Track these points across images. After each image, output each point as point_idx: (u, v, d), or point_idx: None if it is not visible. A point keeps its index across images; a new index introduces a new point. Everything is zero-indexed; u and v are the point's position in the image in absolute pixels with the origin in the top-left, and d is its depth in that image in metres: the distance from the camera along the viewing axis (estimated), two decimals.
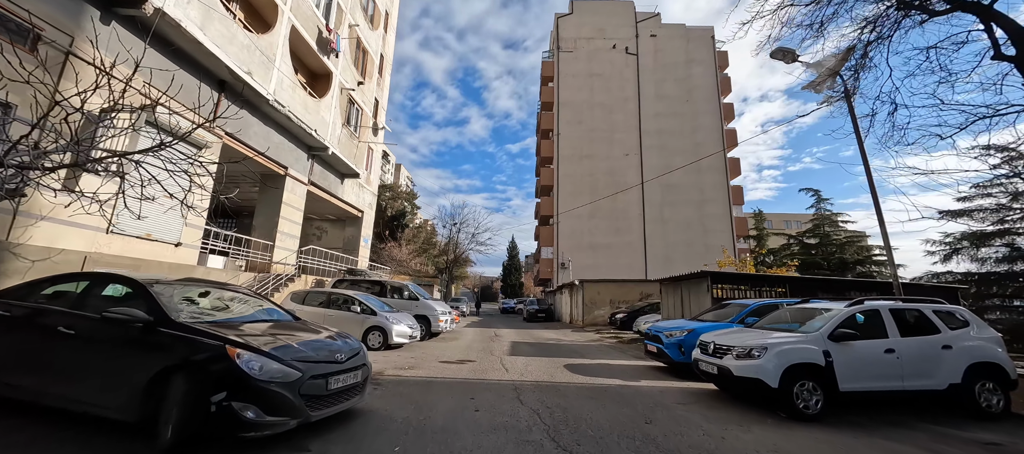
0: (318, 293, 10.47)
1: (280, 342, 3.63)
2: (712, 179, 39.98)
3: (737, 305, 8.66)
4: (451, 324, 13.33)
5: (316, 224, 21.66)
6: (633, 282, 21.46)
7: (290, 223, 14.26)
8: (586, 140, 40.65)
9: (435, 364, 8.21)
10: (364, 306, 10.02)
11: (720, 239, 38.42)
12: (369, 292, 12.94)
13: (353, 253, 20.12)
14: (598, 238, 38.06)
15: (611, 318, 19.13)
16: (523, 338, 14.86)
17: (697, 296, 11.55)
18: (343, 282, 13.42)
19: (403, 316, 10.62)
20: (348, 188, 18.68)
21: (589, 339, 15.15)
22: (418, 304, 12.60)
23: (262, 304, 4.94)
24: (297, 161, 14.50)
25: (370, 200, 21.36)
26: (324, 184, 16.63)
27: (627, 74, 42.45)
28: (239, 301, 4.85)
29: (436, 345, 11.54)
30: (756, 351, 5.38)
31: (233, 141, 11.39)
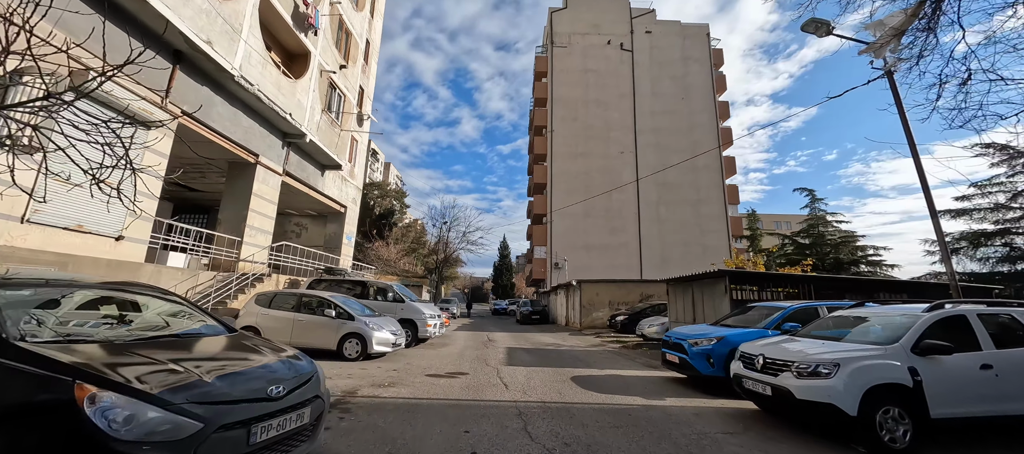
0: (288, 295, 9.14)
1: (181, 375, 2.38)
2: (708, 178, 39.35)
3: (766, 308, 7.60)
4: (440, 329, 12.08)
5: (295, 220, 20.17)
6: (633, 282, 20.45)
7: (261, 217, 12.85)
8: (581, 137, 39.72)
9: (421, 379, 6.96)
10: (340, 310, 8.72)
11: (716, 239, 37.84)
12: (349, 294, 11.62)
13: (335, 251, 18.70)
14: (593, 238, 37.12)
15: (611, 320, 18.05)
16: (519, 343, 13.67)
17: (711, 298, 10.51)
18: (321, 282, 12.07)
19: (386, 321, 9.35)
20: (329, 181, 17.28)
21: (590, 344, 14.02)
22: (404, 307, 11.33)
23: (193, 317, 3.67)
24: (270, 148, 13.10)
25: (354, 195, 19.96)
26: (302, 175, 15.22)
27: (622, 71, 41.66)
28: (160, 312, 3.58)
29: (423, 353, 10.28)
30: (824, 368, 4.28)
31: (192, 121, 9.99)
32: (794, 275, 10.17)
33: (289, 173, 14.40)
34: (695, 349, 6.81)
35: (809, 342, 5.13)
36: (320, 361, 8.43)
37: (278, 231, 19.89)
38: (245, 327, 8.65)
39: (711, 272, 10.19)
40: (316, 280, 12.08)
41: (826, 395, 4.14)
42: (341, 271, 12.49)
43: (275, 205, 13.56)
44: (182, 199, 17.66)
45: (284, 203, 17.56)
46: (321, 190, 16.62)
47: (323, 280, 12.06)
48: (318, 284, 11.96)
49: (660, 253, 37.59)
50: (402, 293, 11.69)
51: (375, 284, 11.90)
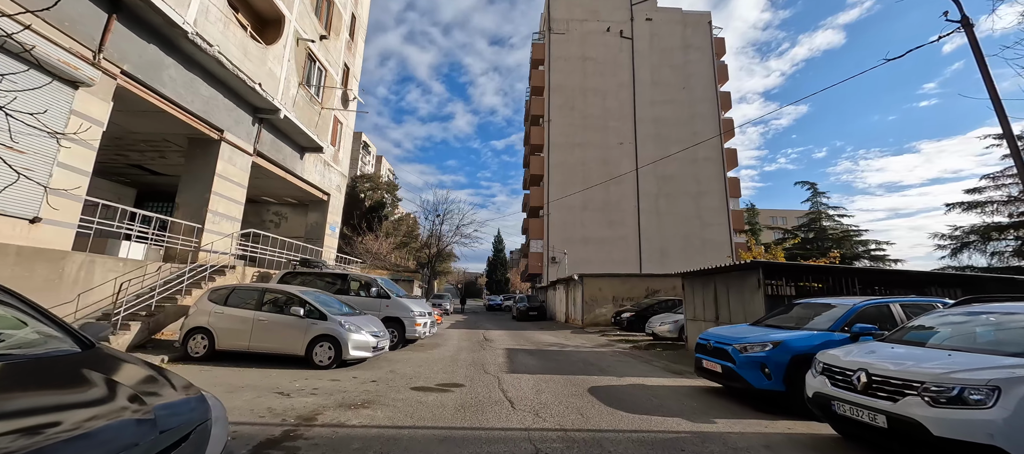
0: (248, 290, 7.68)
1: None
2: (709, 170, 38.29)
3: (818, 305, 6.33)
4: (432, 328, 10.69)
5: (273, 209, 18.58)
6: (638, 277, 19.21)
7: (227, 201, 11.31)
8: (578, 127, 38.41)
9: (405, 394, 5.59)
10: (311, 308, 7.29)
11: (717, 233, 36.88)
12: (329, 288, 10.18)
13: (317, 243, 17.18)
14: (591, 231, 35.94)
15: (616, 317, 16.81)
16: (519, 343, 12.35)
17: (740, 293, 9.26)
18: (295, 275, 10.61)
19: (366, 320, 7.94)
20: (310, 165, 15.72)
21: (597, 344, 12.75)
22: (390, 303, 9.92)
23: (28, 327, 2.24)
24: (237, 124, 11.54)
25: (338, 182, 18.41)
26: (277, 157, 13.66)
27: (621, 59, 40.35)
28: None
29: (411, 357, 8.90)
30: (975, 392, 2.99)
31: (134, 84, 8.43)
32: (835, 268, 8.92)
33: (261, 153, 12.85)
34: (745, 357, 5.52)
35: (915, 351, 3.85)
36: (286, 370, 7.09)
37: (254, 220, 18.31)
38: (194, 328, 7.20)
39: (741, 264, 8.93)
40: (290, 273, 10.61)
41: (985, 433, 2.85)
42: (319, 263, 11.04)
43: (244, 189, 12.02)
44: (146, 184, 15.99)
45: (259, 189, 16.00)
46: (300, 174, 15.07)
47: (298, 273, 10.59)
48: (292, 277, 10.49)
49: (659, 247, 36.56)
50: (388, 288, 10.27)
51: (357, 278, 10.47)
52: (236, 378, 6.07)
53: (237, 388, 5.46)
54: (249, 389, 5.41)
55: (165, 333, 8.34)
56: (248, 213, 18.64)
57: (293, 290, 7.57)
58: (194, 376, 6.15)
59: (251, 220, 18.18)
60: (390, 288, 10.37)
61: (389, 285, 10.72)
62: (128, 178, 15.45)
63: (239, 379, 6.02)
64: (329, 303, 8.10)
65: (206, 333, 7.22)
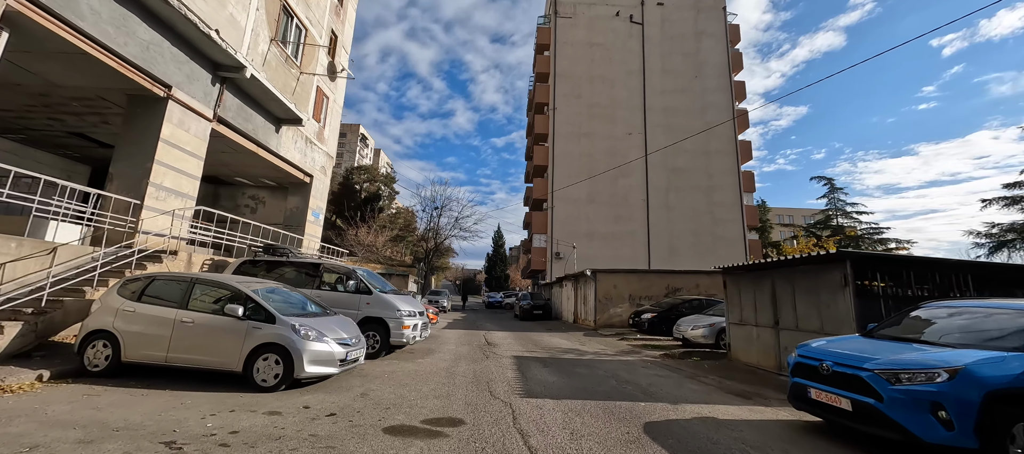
0: (172, 282, 5.68)
1: None
2: (721, 164, 36.36)
3: (984, 310, 4.38)
4: (423, 331, 8.70)
5: (249, 192, 16.56)
6: (657, 273, 17.28)
7: (176, 174, 9.30)
8: (585, 116, 36.47)
9: (374, 442, 3.62)
10: (255, 306, 5.31)
11: (730, 229, 35.02)
12: (296, 281, 8.22)
13: (297, 230, 15.17)
14: (597, 226, 34.04)
15: (634, 318, 14.88)
16: (527, 348, 10.40)
17: (813, 293, 7.32)
18: (256, 264, 8.62)
19: (335, 323, 5.97)
20: (289, 141, 13.70)
21: (619, 350, 10.81)
22: (371, 300, 7.95)
23: None
24: (191, 81, 9.52)
25: (323, 162, 16.39)
26: (246, 127, 11.64)
27: (631, 45, 38.36)
28: None
29: (394, 371, 6.94)
30: None
31: (37, 11, 6.41)
32: (943, 261, 6.96)
33: (225, 120, 10.83)
34: (900, 390, 3.56)
35: None
36: (213, 392, 4.31)
37: (228, 205, 16.31)
38: (94, 332, 5.23)
39: (818, 256, 6.96)
40: (249, 261, 8.61)
41: None
42: (284, 249, 9.04)
43: (200, 161, 10.00)
44: (99, 159, 13.92)
45: (229, 167, 13.98)
46: (275, 150, 13.04)
47: (258, 261, 8.60)
48: (252, 267, 8.51)
49: (669, 243, 34.71)
50: (370, 282, 8.29)
51: (333, 268, 8.48)
52: (123, 410, 4.11)
53: (108, 432, 3.49)
54: (124, 435, 3.44)
55: (68, 335, 6.35)
56: (222, 197, 16.68)
57: (231, 281, 5.58)
58: (64, 403, 4.17)
59: (225, 205, 16.20)
60: (373, 282, 8.39)
61: (372, 278, 8.75)
62: (77, 152, 13.40)
63: (127, 412, 4.05)
64: (288, 300, 6.14)
65: (110, 339, 5.24)
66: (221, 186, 16.42)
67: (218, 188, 16.44)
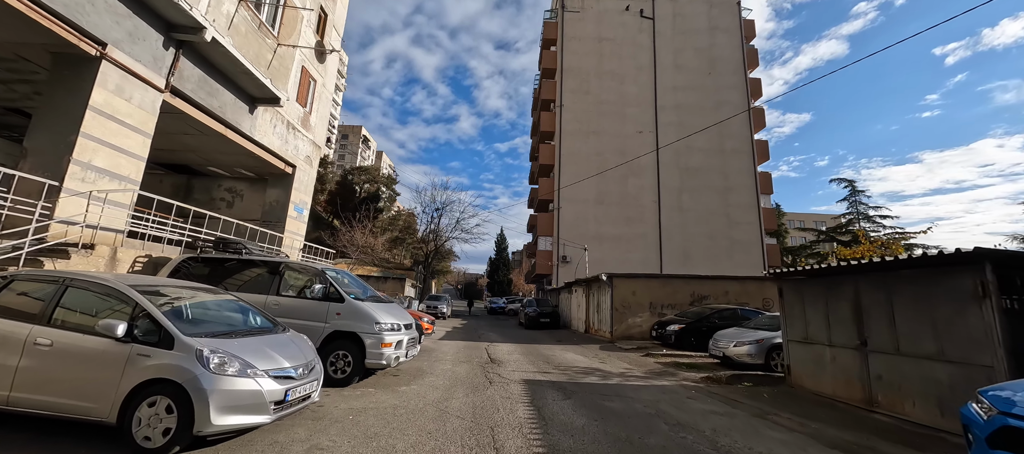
0: (35, 287, 3.92)
1: None
2: (737, 163, 34.50)
3: None
4: (409, 350, 6.88)
5: (226, 185, 14.86)
6: (681, 278, 15.44)
7: (111, 152, 7.60)
8: (593, 113, 34.77)
9: None
10: (149, 321, 3.55)
11: (746, 232, 33.10)
12: (247, 283, 6.49)
13: (276, 226, 13.44)
14: (606, 228, 32.22)
15: (658, 330, 13.04)
16: (538, 366, 8.59)
17: (926, 305, 5.51)
18: (200, 261, 6.87)
19: (277, 345, 4.20)
20: (266, 124, 12.02)
21: (649, 370, 8.98)
22: (342, 309, 6.17)
23: None
24: (135, 40, 7.84)
25: (309, 152, 14.69)
26: (211, 103, 9.95)
27: (641, 40, 36.71)
28: None
29: (364, 408, 5.17)
30: None
31: None
32: None
33: (182, 93, 9.14)
34: None
35: None
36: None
37: (202, 198, 14.62)
38: None
39: (940, 255, 5.14)
40: (191, 259, 6.87)
41: None
42: (239, 245, 7.29)
43: (146, 138, 8.30)
44: None
45: (196, 153, 12.30)
46: (248, 134, 11.34)
47: (204, 259, 6.85)
48: (194, 266, 6.76)
49: (682, 246, 32.85)
50: (343, 286, 6.52)
51: (296, 269, 6.71)
52: None
53: None
54: None
55: None
56: (196, 189, 15.00)
57: (119, 284, 3.81)
58: None
59: (198, 198, 14.53)
60: (346, 286, 6.62)
61: (346, 281, 6.98)
62: (18, 131, 11.76)
63: None
64: (216, 312, 4.41)
65: None
66: (194, 177, 14.76)
67: (191, 179, 14.78)
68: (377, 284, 24.60)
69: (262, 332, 4.41)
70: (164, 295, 4.11)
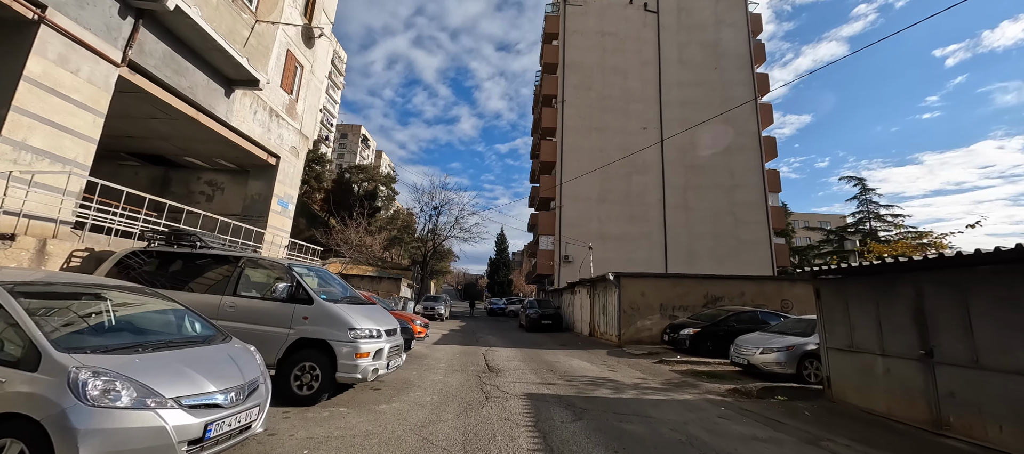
0: None
1: None
2: (744, 161, 33.51)
3: None
4: (392, 360, 5.84)
5: (206, 177, 13.88)
6: (694, 278, 14.43)
7: (53, 131, 6.63)
8: (596, 109, 33.84)
9: None
10: (3, 331, 2.57)
11: (754, 232, 32.10)
12: (202, 281, 5.51)
13: (258, 221, 12.47)
14: (609, 227, 31.25)
15: (670, 334, 12.04)
16: (544, 378, 7.59)
17: (1012, 309, 4.52)
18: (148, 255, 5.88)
19: (205, 359, 3.23)
20: (244, 110, 11.05)
21: (667, 380, 7.98)
22: (310, 312, 5.18)
23: None
24: (83, 4, 6.88)
25: (294, 142, 13.72)
26: (180, 84, 8.98)
27: (645, 34, 35.77)
28: None
29: (326, 437, 4.18)
30: None
31: None
32: None
33: (143, 69, 8.18)
34: None
35: None
36: None
37: (181, 192, 13.65)
38: None
39: None
40: (137, 253, 5.88)
41: None
42: (195, 237, 6.28)
43: (97, 118, 7.33)
44: None
45: (174, 142, 11.35)
46: (224, 119, 10.37)
47: (152, 253, 5.86)
48: (144, 259, 5.77)
49: (687, 246, 31.88)
50: (313, 284, 5.54)
51: (256, 265, 5.72)
52: None
53: None
54: None
55: None
56: (173, 182, 14.01)
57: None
58: None
59: (176, 192, 13.56)
60: (317, 283, 5.63)
61: (323, 280, 5.99)
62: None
63: None
64: (123, 318, 3.44)
65: None
66: (172, 169, 13.79)
67: (169, 172, 13.81)
68: (372, 284, 23.63)
69: (190, 344, 3.42)
70: (57, 296, 3.13)
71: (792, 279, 14.60)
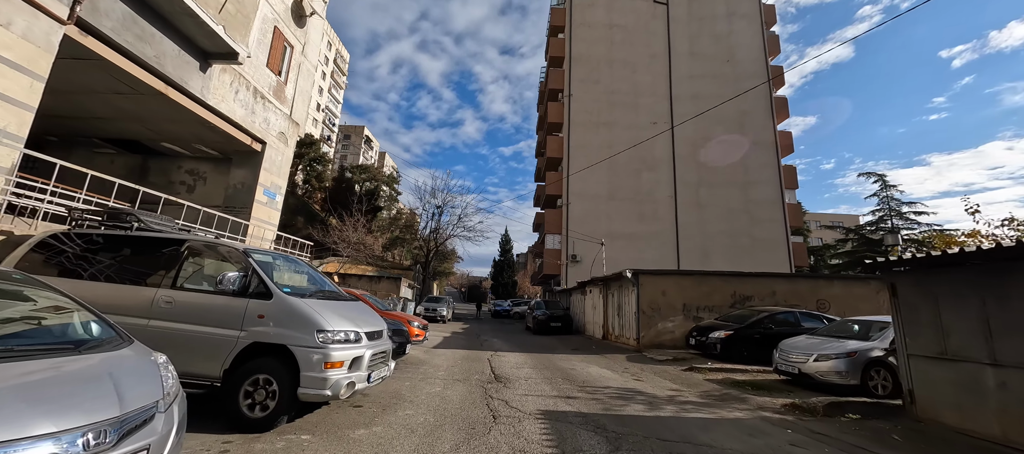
0: None
1: None
2: (758, 157, 32.20)
3: None
4: (375, 371, 4.64)
5: (186, 166, 12.81)
6: (719, 276, 13.14)
7: None
8: (604, 104, 32.70)
9: None
10: None
11: (769, 230, 30.75)
12: (134, 270, 4.36)
13: (241, 212, 11.35)
14: (618, 225, 30.03)
15: (696, 337, 10.76)
16: (561, 389, 6.37)
17: None
18: (76, 238, 4.74)
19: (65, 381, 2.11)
20: (225, 88, 9.96)
21: (705, 392, 6.73)
22: (268, 309, 4.01)
23: None
24: None
25: (283, 127, 12.62)
26: (145, 53, 7.89)
27: (655, 27, 34.63)
28: None
29: None
30: None
31: None
32: None
33: (96, 30, 7.09)
34: None
35: None
36: None
37: (161, 182, 12.59)
38: None
39: None
40: (59, 236, 4.74)
41: None
42: (128, 216, 5.12)
43: (36, 83, 6.23)
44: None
45: (146, 124, 10.29)
46: (199, 96, 9.27)
47: (79, 236, 4.73)
48: (65, 242, 4.64)
49: (701, 245, 30.60)
50: (276, 275, 4.38)
51: (202, 250, 4.55)
52: None
53: None
54: None
55: None
56: (152, 171, 12.94)
57: None
58: None
59: (155, 182, 12.49)
60: (278, 272, 4.48)
61: (290, 269, 4.83)
62: None
63: None
64: None
65: None
66: (151, 157, 12.74)
67: (147, 160, 12.76)
68: (370, 284, 22.51)
69: (48, 353, 2.25)
70: None
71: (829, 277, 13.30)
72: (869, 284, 12.92)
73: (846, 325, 8.30)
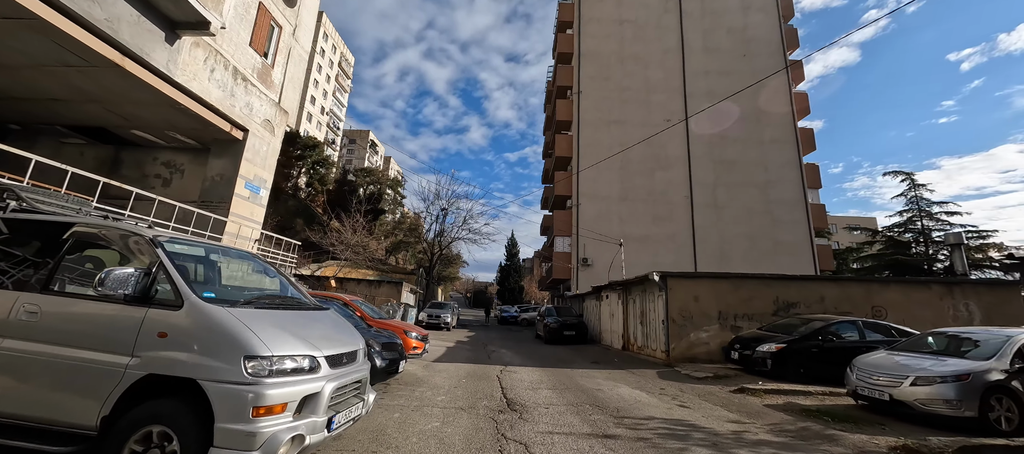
0: None
1: None
2: (779, 155, 30.63)
3: None
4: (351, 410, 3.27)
5: (162, 158, 11.59)
6: (759, 279, 11.58)
7: None
8: (615, 101, 31.38)
9: None
10: None
11: (792, 232, 29.09)
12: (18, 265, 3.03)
13: (219, 208, 10.07)
14: (631, 227, 28.54)
15: (739, 350, 9.23)
16: (589, 420, 4.94)
17: None
18: None
19: None
20: (196, 65, 8.73)
21: (775, 425, 5.25)
22: (173, 325, 2.66)
23: None
24: None
25: (269, 114, 11.38)
26: (93, 14, 6.66)
27: (667, 21, 33.34)
28: None
29: None
30: None
31: None
32: None
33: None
34: None
35: None
36: None
37: (134, 175, 11.38)
38: None
39: None
40: None
41: None
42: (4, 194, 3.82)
43: None
44: None
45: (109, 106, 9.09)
46: (166, 72, 8.02)
47: None
48: None
49: (719, 248, 29.03)
50: (197, 273, 3.05)
51: (92, 238, 3.22)
52: None
53: None
54: None
55: None
56: (125, 164, 11.71)
57: None
58: None
59: (129, 175, 11.29)
60: (196, 269, 3.14)
61: (223, 262, 3.48)
62: None
63: None
64: None
65: None
66: (123, 148, 11.55)
67: (120, 152, 11.57)
68: (370, 288, 21.19)
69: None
70: None
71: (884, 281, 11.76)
72: (930, 288, 11.33)
73: (935, 340, 6.78)
